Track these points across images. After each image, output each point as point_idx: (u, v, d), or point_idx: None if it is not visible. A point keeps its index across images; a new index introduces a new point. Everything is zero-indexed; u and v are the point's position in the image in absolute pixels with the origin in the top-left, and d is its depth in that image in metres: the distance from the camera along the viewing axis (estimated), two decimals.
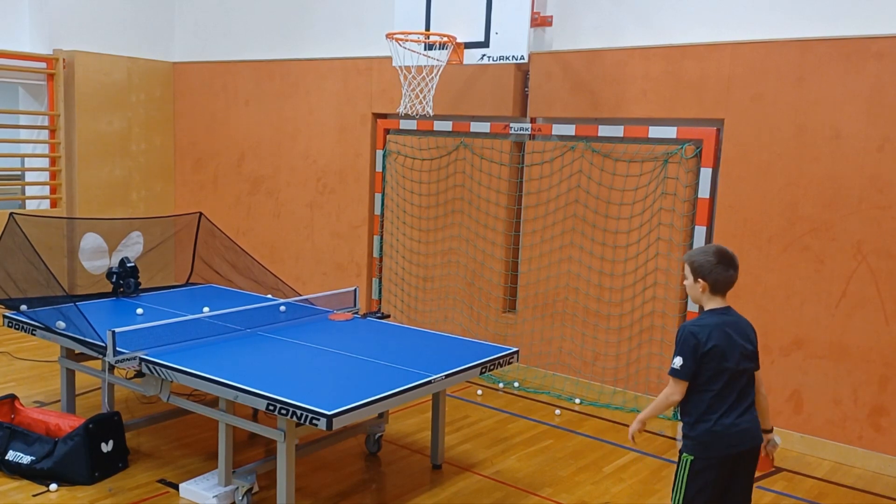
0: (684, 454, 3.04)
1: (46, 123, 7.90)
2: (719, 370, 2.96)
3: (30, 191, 8.14)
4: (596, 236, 5.80)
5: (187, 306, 5.06)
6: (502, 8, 5.46)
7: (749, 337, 3.06)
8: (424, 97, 5.65)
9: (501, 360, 4.30)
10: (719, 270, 3.01)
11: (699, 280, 3.04)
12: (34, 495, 4.00)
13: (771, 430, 3.18)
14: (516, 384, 6.09)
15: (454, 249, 6.57)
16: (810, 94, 4.90)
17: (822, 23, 4.89)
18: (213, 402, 4.06)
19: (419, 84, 5.66)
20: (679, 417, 3.11)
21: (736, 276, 3.06)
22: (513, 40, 5.44)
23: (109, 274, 5.36)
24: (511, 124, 6.15)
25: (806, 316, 4.99)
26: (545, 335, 6.11)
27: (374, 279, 7.17)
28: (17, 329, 4.71)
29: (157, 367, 3.92)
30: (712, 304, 3.06)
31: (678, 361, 2.99)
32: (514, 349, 4.45)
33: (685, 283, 3.13)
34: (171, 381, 3.96)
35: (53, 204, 7.90)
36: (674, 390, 3.02)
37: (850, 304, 4.83)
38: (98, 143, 8.02)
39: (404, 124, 6.82)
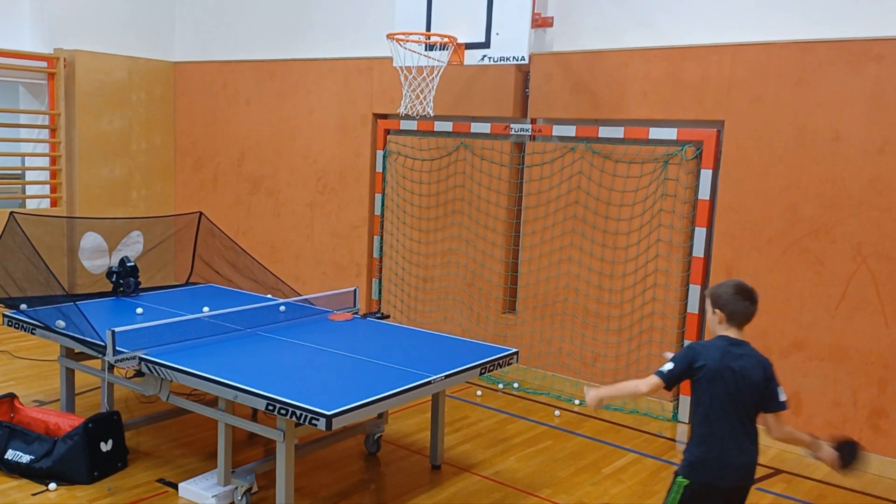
0: (679, 477, 3.00)
1: (47, 122, 7.90)
2: (710, 393, 2.94)
3: (30, 190, 8.15)
4: (596, 237, 5.80)
5: (187, 306, 5.06)
6: (503, 9, 5.46)
7: (754, 372, 2.97)
8: (425, 97, 5.65)
9: (501, 361, 4.30)
10: (736, 301, 3.04)
11: (716, 311, 3.07)
12: (33, 494, 4.00)
13: (817, 439, 3.16)
14: (516, 385, 6.09)
15: (454, 250, 6.57)
16: (810, 95, 4.91)
17: (823, 25, 4.89)
18: (212, 402, 4.05)
19: (420, 84, 5.66)
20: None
21: (754, 309, 3.07)
22: (513, 41, 5.44)
23: (109, 273, 5.35)
24: (511, 125, 6.15)
25: (805, 318, 4.99)
26: (545, 336, 6.11)
27: (373, 279, 7.17)
28: (17, 328, 4.71)
29: (156, 367, 3.92)
30: (727, 334, 3.07)
31: (668, 365, 3.00)
32: (514, 350, 4.45)
33: (708, 316, 3.14)
34: (171, 381, 3.96)
35: (54, 203, 7.90)
36: (646, 382, 3.00)
37: (849, 306, 4.83)
38: (98, 143, 8.03)
39: (405, 125, 6.82)
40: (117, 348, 3.99)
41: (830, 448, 3.15)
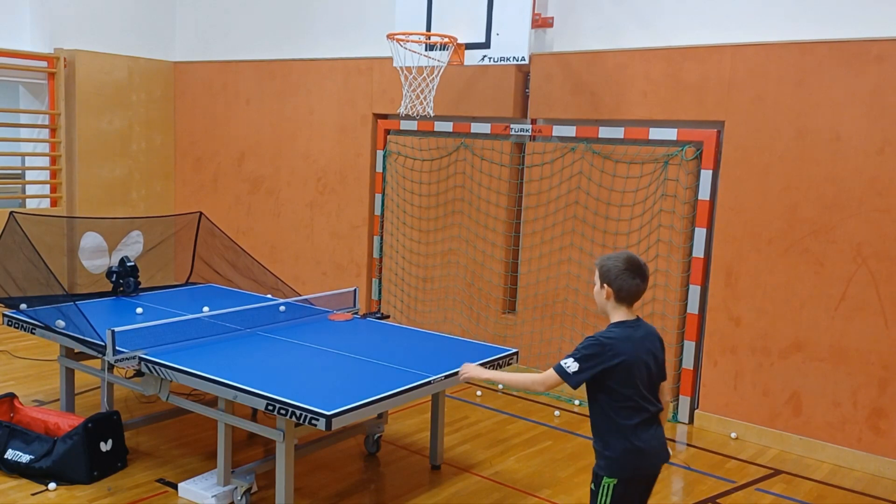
0: (605, 478, 2.84)
1: (47, 122, 7.90)
2: (629, 384, 2.81)
3: (30, 189, 8.15)
4: (596, 237, 5.80)
5: (187, 306, 5.06)
6: (503, 9, 5.46)
7: (656, 349, 2.93)
8: (425, 98, 5.65)
9: (501, 361, 4.29)
10: (625, 277, 2.84)
11: (605, 286, 2.89)
12: (33, 494, 4.00)
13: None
14: None
15: (454, 250, 6.57)
16: (811, 96, 4.91)
17: (823, 25, 4.90)
18: (212, 402, 4.06)
19: (420, 84, 5.65)
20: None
21: (644, 286, 2.89)
22: (514, 41, 5.44)
23: (109, 273, 5.36)
24: (511, 125, 6.15)
25: (805, 318, 4.99)
26: (545, 336, 6.11)
27: (373, 279, 7.17)
28: (17, 328, 4.71)
29: (156, 367, 3.92)
30: (618, 314, 2.88)
31: (573, 366, 2.79)
32: (514, 350, 4.44)
33: (594, 288, 2.96)
34: (171, 381, 3.96)
35: (54, 203, 7.90)
36: (546, 381, 2.86)
37: (849, 307, 4.83)
38: (98, 143, 8.03)
39: (405, 125, 6.82)
40: (117, 348, 3.99)
41: None
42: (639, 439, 2.83)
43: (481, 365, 3.86)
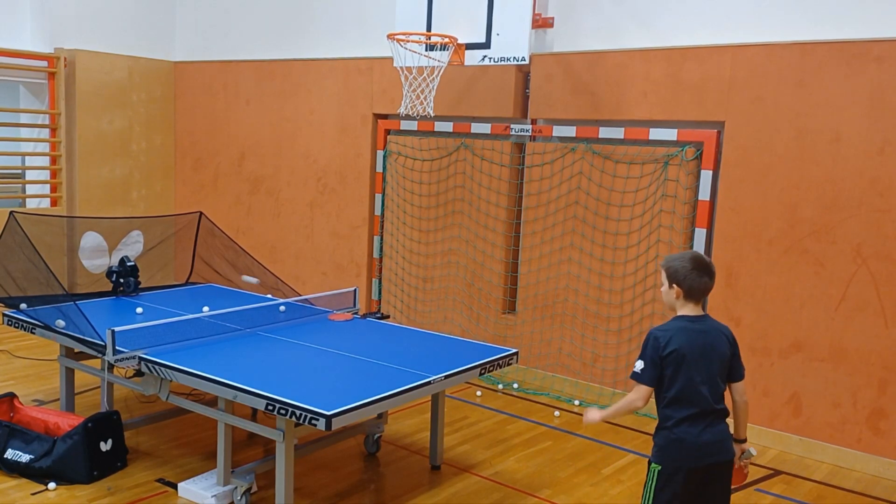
0: (652, 463, 2.97)
1: (47, 122, 7.90)
2: (680, 375, 2.89)
3: (30, 189, 8.15)
4: (596, 238, 5.80)
5: (187, 306, 5.06)
6: (503, 9, 5.46)
7: (720, 345, 2.98)
8: (425, 98, 5.65)
9: (501, 362, 4.30)
10: (693, 276, 2.95)
11: (674, 286, 2.99)
12: (33, 494, 4.00)
13: (745, 441, 3.12)
14: (515, 385, 6.09)
15: (454, 250, 6.57)
16: (811, 96, 4.91)
17: (823, 26, 4.90)
18: (212, 402, 4.06)
19: (420, 85, 5.66)
20: None
21: (711, 283, 3.00)
22: (514, 41, 5.44)
23: (109, 273, 5.35)
24: (512, 125, 6.15)
25: (805, 319, 4.99)
26: (545, 336, 6.11)
27: (373, 279, 7.17)
28: (17, 327, 4.71)
29: (156, 367, 3.92)
30: (685, 310, 3.00)
31: (639, 365, 2.93)
32: (514, 350, 4.44)
33: (661, 289, 3.08)
34: (171, 381, 3.96)
35: (54, 202, 7.90)
36: (637, 395, 2.95)
37: (849, 307, 4.83)
38: (99, 142, 8.03)
39: (405, 125, 6.82)
40: (117, 348, 3.99)
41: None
42: (685, 432, 2.89)
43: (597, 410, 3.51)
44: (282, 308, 4.97)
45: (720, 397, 2.98)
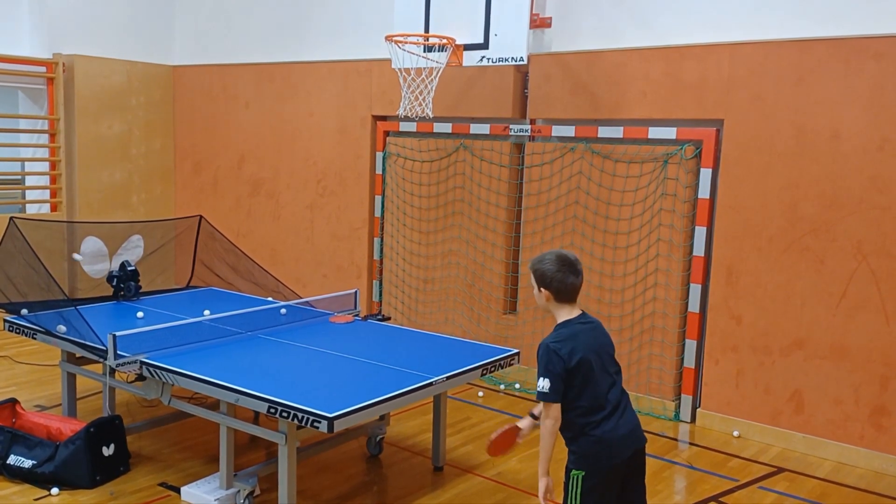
0: (573, 471, 2.91)
1: (46, 127, 7.91)
2: (589, 381, 2.86)
3: (30, 195, 8.15)
4: (596, 237, 5.80)
5: (188, 309, 5.06)
6: (501, 9, 5.46)
7: (605, 336, 2.99)
8: (424, 99, 5.65)
9: (502, 362, 4.30)
10: (559, 277, 2.90)
11: (542, 289, 2.94)
12: (36, 499, 4.00)
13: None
14: (517, 386, 6.09)
15: (454, 251, 6.57)
16: (810, 94, 4.90)
17: (822, 23, 4.89)
18: (214, 406, 4.06)
19: (419, 86, 5.66)
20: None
21: (579, 282, 2.93)
22: (512, 42, 5.44)
23: (110, 277, 5.36)
24: (511, 126, 6.15)
25: (806, 316, 4.98)
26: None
27: (374, 281, 7.17)
28: (18, 333, 4.71)
29: (157, 371, 3.92)
30: (564, 313, 2.95)
31: (544, 384, 2.84)
32: (515, 350, 4.45)
33: (534, 292, 3.00)
34: (172, 385, 3.95)
35: (54, 208, 7.91)
36: (553, 418, 2.87)
37: (850, 305, 4.83)
38: (98, 147, 8.03)
39: (404, 126, 6.82)
40: (118, 352, 3.99)
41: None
42: (604, 431, 2.87)
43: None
44: (283, 311, 4.96)
45: (620, 385, 2.96)
